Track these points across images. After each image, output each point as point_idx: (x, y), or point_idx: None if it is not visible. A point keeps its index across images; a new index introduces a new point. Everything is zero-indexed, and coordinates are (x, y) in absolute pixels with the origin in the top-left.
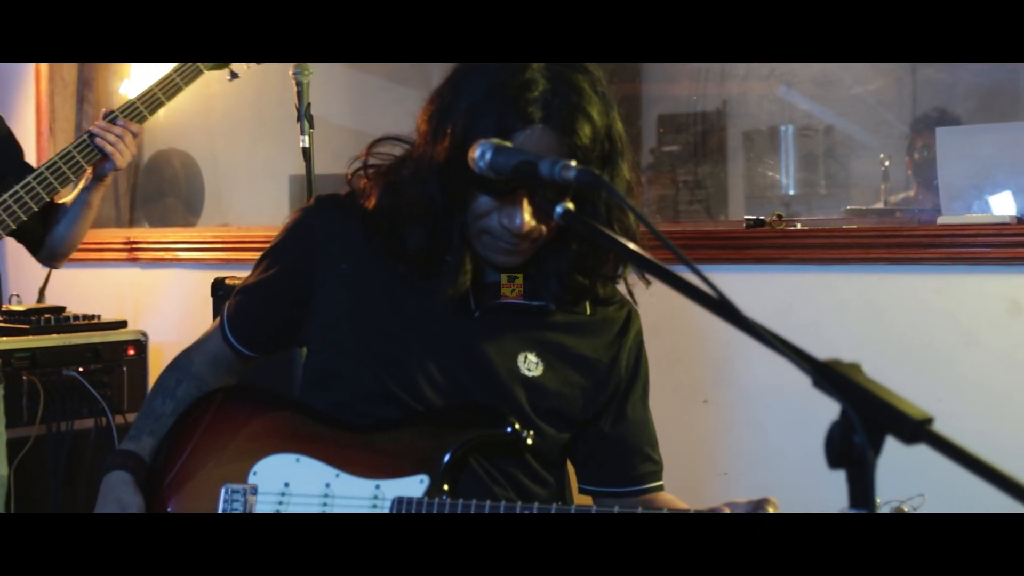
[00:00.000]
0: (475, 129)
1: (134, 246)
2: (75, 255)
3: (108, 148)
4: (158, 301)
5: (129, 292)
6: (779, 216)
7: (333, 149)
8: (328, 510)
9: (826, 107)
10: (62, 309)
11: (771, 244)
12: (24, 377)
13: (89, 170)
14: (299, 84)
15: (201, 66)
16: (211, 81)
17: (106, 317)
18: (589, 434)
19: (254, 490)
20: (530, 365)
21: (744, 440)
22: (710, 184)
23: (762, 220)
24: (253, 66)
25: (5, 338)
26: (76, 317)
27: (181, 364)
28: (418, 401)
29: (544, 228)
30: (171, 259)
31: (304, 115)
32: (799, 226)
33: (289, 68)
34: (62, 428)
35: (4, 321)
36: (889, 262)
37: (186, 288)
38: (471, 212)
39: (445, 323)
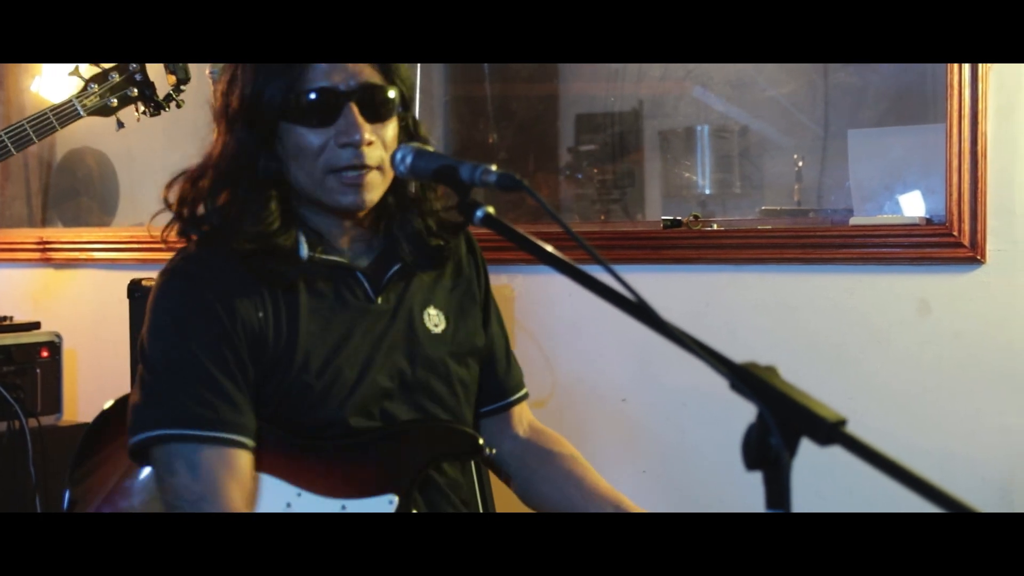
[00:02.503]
0: (264, 78)
1: (47, 246)
2: None
3: None
4: (73, 302)
5: (42, 293)
6: (696, 217)
7: None
8: None
9: (741, 108)
10: None
11: (687, 244)
12: None
13: None
14: (216, 83)
15: (81, 111)
16: None
17: (19, 319)
18: None
19: None
20: (435, 320)
21: (662, 439)
22: (627, 183)
23: (679, 221)
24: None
25: None
26: None
27: None
28: (380, 415)
29: (383, 154)
30: (85, 259)
31: (177, 70)
32: (715, 227)
33: (206, 67)
34: None
35: None
36: (802, 262)
37: (101, 289)
38: (305, 159)
39: (360, 323)
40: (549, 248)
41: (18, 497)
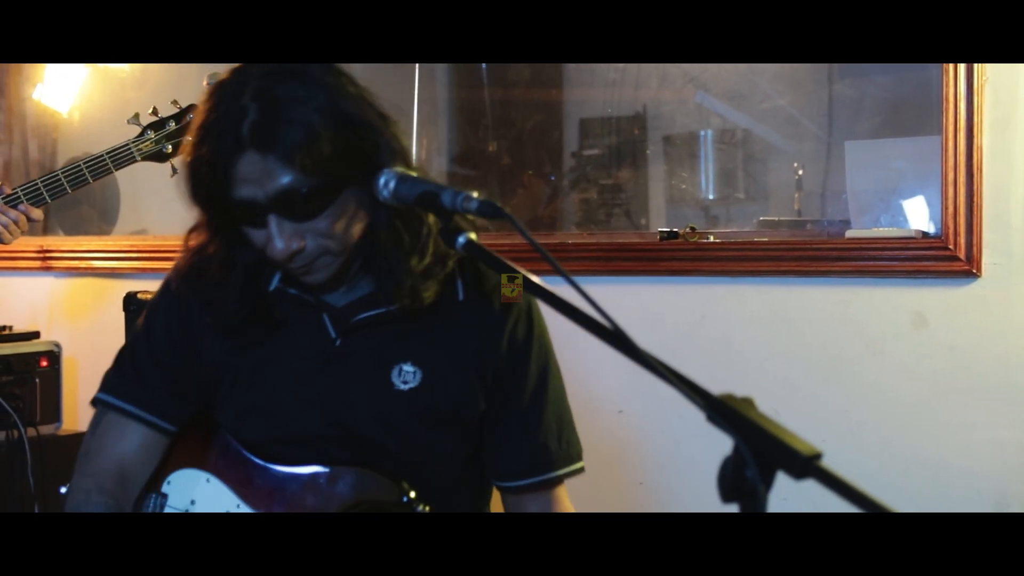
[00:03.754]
0: (205, 172)
1: (47, 254)
2: None
3: None
4: (73, 311)
5: (43, 301)
6: (692, 228)
7: None
8: None
9: (744, 114)
10: None
11: (684, 256)
12: None
13: None
14: None
15: (136, 155)
16: (126, 86)
17: (19, 327)
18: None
19: (165, 501)
20: (406, 376)
21: (659, 450)
22: (630, 188)
23: (676, 232)
24: (171, 69)
25: None
26: None
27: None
28: (313, 449)
29: (326, 241)
30: (85, 268)
31: None
32: (712, 239)
33: (204, 77)
34: None
35: None
36: (798, 275)
37: (101, 298)
38: (256, 249)
39: (311, 362)
40: (534, 278)
41: (17, 506)
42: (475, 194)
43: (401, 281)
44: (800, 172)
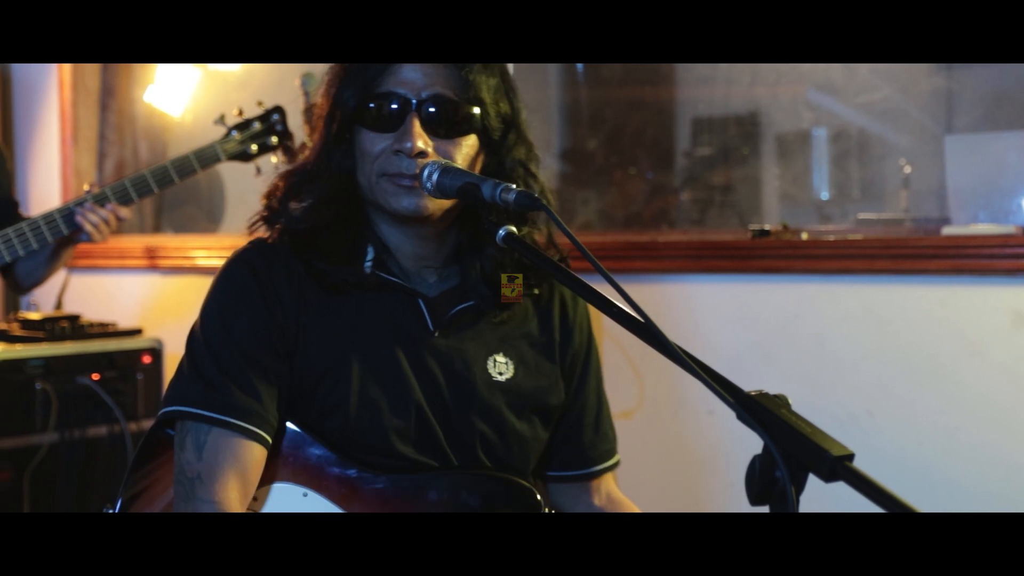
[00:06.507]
0: (345, 79)
1: (154, 252)
2: (94, 262)
3: (88, 227)
4: (177, 308)
5: (148, 299)
6: (785, 226)
7: None
8: None
9: (856, 111)
10: (77, 317)
11: (776, 255)
12: (38, 385)
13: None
14: (307, 94)
15: (221, 155)
16: (228, 87)
17: (125, 324)
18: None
19: None
20: (500, 368)
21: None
22: (742, 188)
23: (767, 231)
24: (273, 70)
25: (20, 346)
26: (91, 325)
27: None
28: (424, 451)
29: (439, 162)
30: (190, 266)
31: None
32: (805, 236)
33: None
34: (75, 436)
35: (20, 329)
36: (893, 273)
37: (204, 295)
38: (364, 162)
39: (412, 351)
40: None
41: (118, 499)
42: (513, 186)
43: (495, 277)
44: (908, 169)
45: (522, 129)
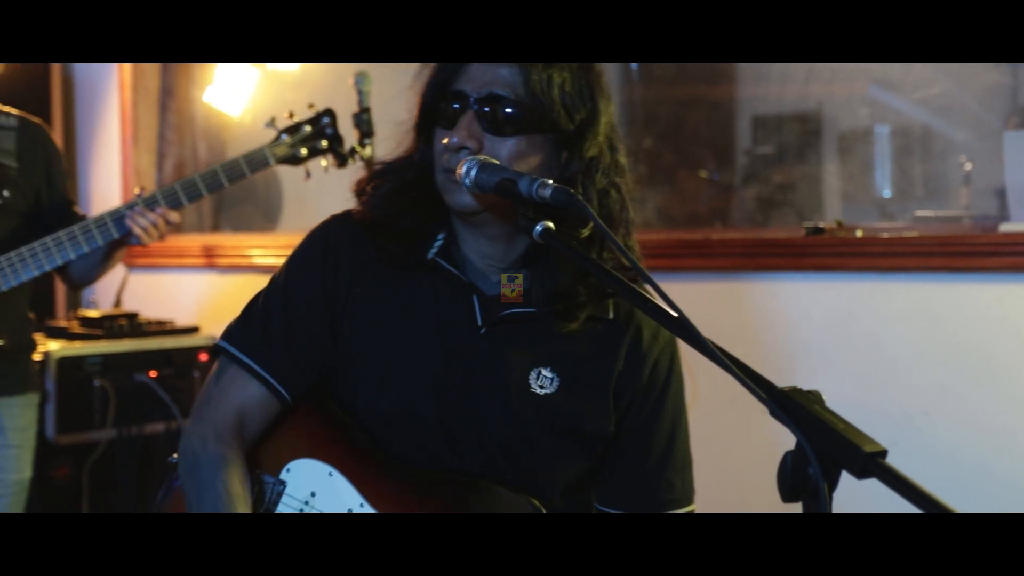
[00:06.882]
0: (430, 77)
1: (212, 251)
2: (153, 260)
3: (137, 231)
4: (234, 307)
5: (206, 297)
6: (839, 223)
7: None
8: None
9: (914, 107)
10: (135, 315)
11: (829, 252)
12: (96, 382)
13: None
14: (360, 92)
15: (271, 159)
16: (285, 87)
17: (183, 322)
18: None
19: (284, 489)
20: (543, 381)
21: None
22: (803, 186)
23: (821, 228)
24: (329, 70)
25: (79, 343)
26: (149, 323)
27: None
28: (435, 432)
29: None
30: (247, 265)
31: (362, 123)
32: (859, 234)
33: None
34: (133, 432)
35: (80, 326)
36: (949, 270)
37: None
38: (435, 155)
39: (453, 342)
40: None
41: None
42: (549, 181)
43: (564, 288)
44: (968, 166)
45: (597, 131)
